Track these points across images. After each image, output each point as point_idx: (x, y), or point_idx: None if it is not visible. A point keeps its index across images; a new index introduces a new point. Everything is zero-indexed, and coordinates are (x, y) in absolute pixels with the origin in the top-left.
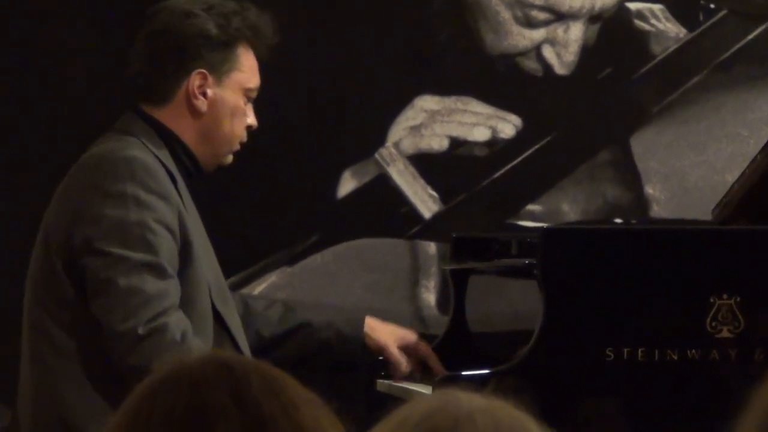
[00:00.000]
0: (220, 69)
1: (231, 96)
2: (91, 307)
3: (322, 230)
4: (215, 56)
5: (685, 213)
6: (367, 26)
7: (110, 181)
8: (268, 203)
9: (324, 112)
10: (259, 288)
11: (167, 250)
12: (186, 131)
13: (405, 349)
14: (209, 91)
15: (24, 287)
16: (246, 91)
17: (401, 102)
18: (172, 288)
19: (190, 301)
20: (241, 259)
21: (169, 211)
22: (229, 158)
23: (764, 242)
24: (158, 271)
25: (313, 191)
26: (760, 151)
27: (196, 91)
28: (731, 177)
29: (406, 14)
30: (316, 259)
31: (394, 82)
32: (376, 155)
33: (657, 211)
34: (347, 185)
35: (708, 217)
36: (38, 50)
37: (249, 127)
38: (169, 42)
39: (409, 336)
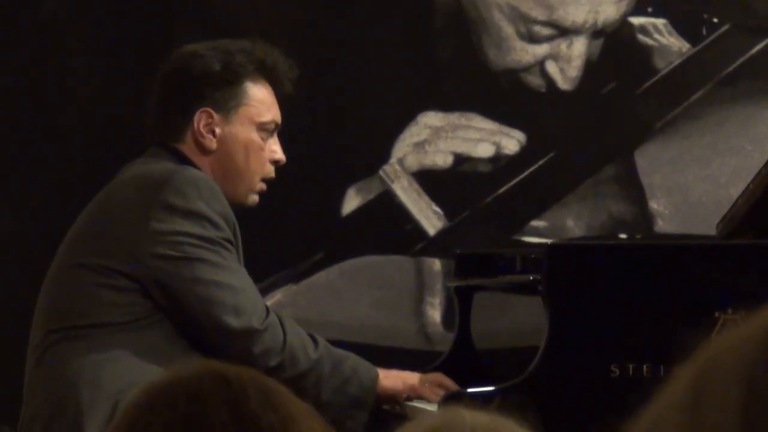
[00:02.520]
0: (226, 106)
1: (242, 131)
2: (192, 314)
3: (327, 247)
4: (220, 94)
5: (690, 228)
6: (371, 42)
7: (181, 199)
8: (273, 220)
9: (328, 129)
10: None
11: (238, 265)
12: (205, 168)
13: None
14: (217, 129)
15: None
16: (260, 125)
17: (405, 118)
18: (256, 288)
19: None
20: None
21: (229, 231)
22: (253, 198)
23: None
24: (243, 274)
25: (317, 208)
26: (765, 165)
27: (203, 130)
28: (735, 191)
29: (409, 30)
30: (321, 277)
31: (398, 98)
32: (381, 172)
33: (661, 226)
34: (352, 202)
35: (712, 231)
36: (43, 72)
37: (275, 162)
38: (175, 83)
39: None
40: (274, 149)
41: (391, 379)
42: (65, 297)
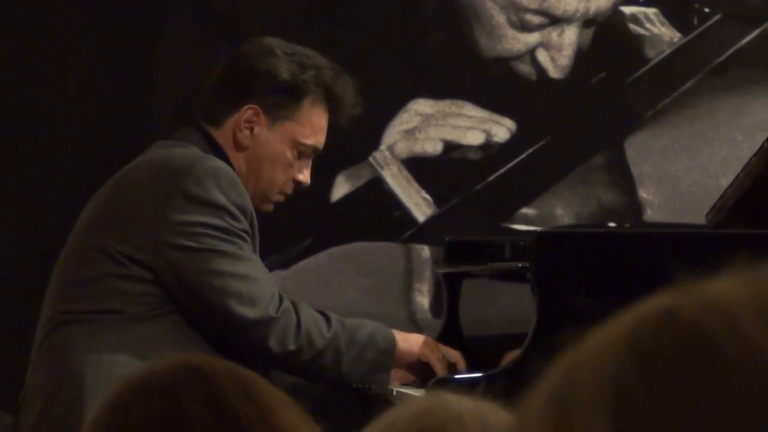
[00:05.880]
0: (275, 113)
1: (278, 143)
2: (206, 304)
3: (316, 233)
4: (275, 99)
5: (679, 217)
6: (362, 30)
7: (200, 189)
8: None
9: None
10: None
11: (253, 255)
12: (233, 160)
13: None
14: (257, 129)
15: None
16: (298, 145)
17: (395, 105)
18: (271, 275)
19: None
20: None
21: (246, 222)
22: (267, 206)
23: (758, 246)
24: (258, 263)
25: (307, 194)
26: (754, 155)
27: (242, 124)
28: (725, 181)
29: (400, 18)
30: (310, 262)
31: (389, 85)
32: (370, 159)
33: (651, 215)
34: (341, 188)
35: (702, 220)
36: (36, 52)
37: (298, 183)
38: (239, 71)
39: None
40: (303, 171)
41: (409, 341)
42: (79, 280)
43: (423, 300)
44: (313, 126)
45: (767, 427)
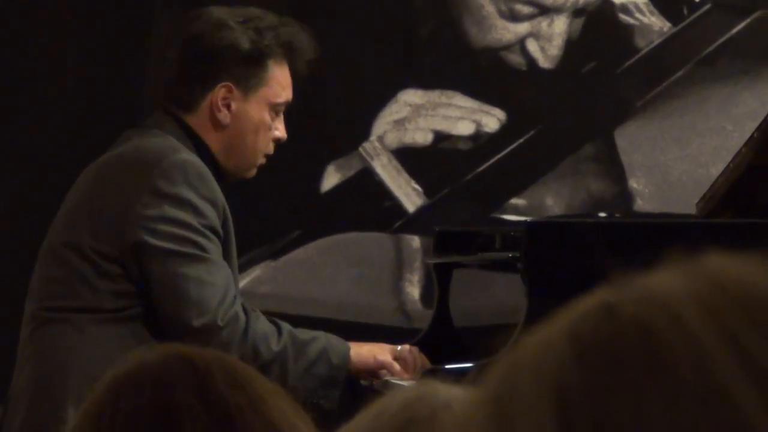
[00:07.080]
0: (247, 84)
1: (256, 111)
2: (158, 303)
3: (306, 224)
4: (243, 70)
5: (669, 207)
6: (351, 20)
7: (167, 183)
8: (251, 197)
9: (308, 106)
10: (242, 282)
11: (217, 254)
12: (211, 141)
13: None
14: (233, 105)
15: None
16: (273, 106)
17: (385, 96)
18: (231, 279)
19: None
20: None
21: (216, 216)
22: (252, 171)
23: (748, 236)
24: (217, 266)
25: (297, 185)
26: (744, 145)
27: (220, 104)
28: (715, 171)
29: (389, 8)
30: (299, 253)
31: (378, 76)
32: (360, 149)
33: (641, 205)
34: (331, 179)
35: (692, 210)
36: (29, 48)
37: (277, 140)
38: (199, 52)
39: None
40: (278, 127)
41: (362, 356)
42: (57, 277)
43: (413, 290)
44: (281, 84)
45: (710, 422)
